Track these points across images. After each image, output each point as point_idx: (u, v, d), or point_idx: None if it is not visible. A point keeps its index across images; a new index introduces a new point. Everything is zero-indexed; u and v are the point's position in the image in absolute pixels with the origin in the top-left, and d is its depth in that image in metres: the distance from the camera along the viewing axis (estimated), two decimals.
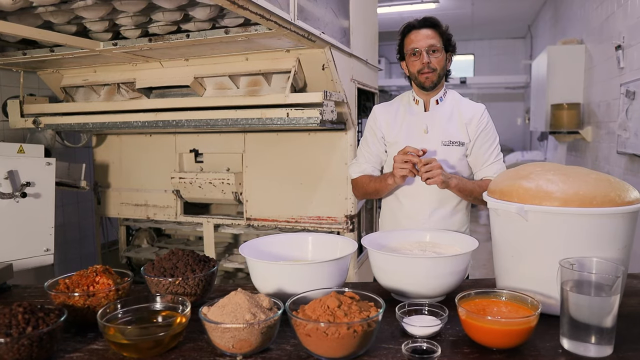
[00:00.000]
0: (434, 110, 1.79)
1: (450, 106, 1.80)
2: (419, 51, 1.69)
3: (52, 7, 1.82)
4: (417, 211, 1.79)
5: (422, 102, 1.80)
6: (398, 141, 1.79)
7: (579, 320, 1.01)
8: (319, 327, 0.94)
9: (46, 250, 2.28)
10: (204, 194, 2.77)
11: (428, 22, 1.71)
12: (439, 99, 1.80)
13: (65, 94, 2.80)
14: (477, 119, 1.77)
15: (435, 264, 1.25)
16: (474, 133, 1.77)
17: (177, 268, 1.29)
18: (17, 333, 0.97)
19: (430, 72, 1.71)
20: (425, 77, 1.72)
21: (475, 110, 1.79)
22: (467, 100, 1.85)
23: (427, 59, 1.69)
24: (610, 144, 3.37)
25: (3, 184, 2.10)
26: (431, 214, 1.78)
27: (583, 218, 1.15)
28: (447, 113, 1.78)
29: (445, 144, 1.76)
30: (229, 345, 0.99)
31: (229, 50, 2.19)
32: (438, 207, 1.79)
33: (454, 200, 1.80)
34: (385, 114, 1.84)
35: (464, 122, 1.77)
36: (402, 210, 1.83)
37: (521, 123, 9.08)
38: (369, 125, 1.88)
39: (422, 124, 1.78)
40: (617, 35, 3.18)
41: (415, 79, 1.75)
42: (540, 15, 6.99)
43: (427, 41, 1.69)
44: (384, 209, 1.93)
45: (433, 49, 1.69)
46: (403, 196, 1.82)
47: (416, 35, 1.70)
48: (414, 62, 1.72)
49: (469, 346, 1.06)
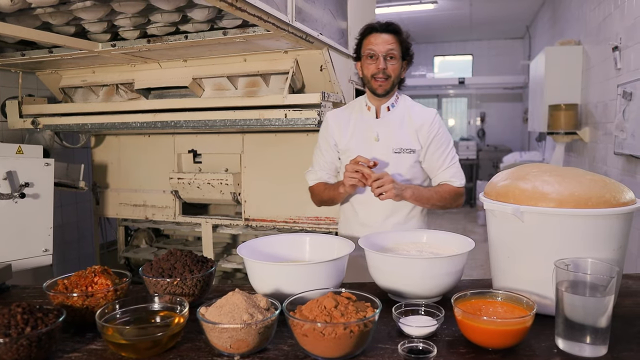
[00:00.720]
0: (385, 118, 1.77)
1: (401, 113, 1.78)
2: (376, 55, 1.67)
3: (50, 8, 1.83)
4: (371, 219, 1.79)
5: (374, 109, 1.78)
6: (350, 148, 1.78)
7: (574, 320, 1.02)
8: (315, 327, 0.95)
9: (45, 251, 2.29)
10: (202, 194, 2.77)
11: (390, 28, 1.69)
12: (390, 105, 1.77)
13: (64, 95, 2.81)
14: (428, 125, 1.76)
15: (432, 265, 1.26)
16: (425, 139, 1.76)
17: (175, 269, 1.29)
18: (16, 333, 0.97)
19: (384, 79, 1.69)
20: (378, 83, 1.70)
21: (425, 117, 1.77)
22: (418, 106, 1.83)
23: (384, 65, 1.67)
24: (608, 144, 3.38)
25: (2, 184, 2.11)
26: (384, 221, 1.78)
27: (578, 219, 1.16)
28: (398, 120, 1.77)
29: (396, 151, 1.74)
30: (227, 345, 0.99)
31: (227, 51, 2.20)
32: (391, 214, 1.78)
33: (407, 207, 1.79)
34: (337, 120, 1.82)
35: (415, 128, 1.76)
36: (356, 218, 1.82)
37: (519, 123, 9.10)
38: (322, 132, 1.86)
39: (373, 132, 1.76)
40: (614, 37, 3.20)
41: (368, 83, 1.73)
42: (539, 16, 7.00)
43: (386, 46, 1.66)
44: (341, 217, 1.92)
45: (390, 55, 1.67)
46: (357, 204, 1.81)
47: (376, 38, 1.67)
48: (369, 65, 1.69)
49: (465, 346, 1.07)
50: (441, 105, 9.91)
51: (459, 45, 9.51)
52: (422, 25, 7.97)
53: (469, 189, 9.04)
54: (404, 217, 1.80)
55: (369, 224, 1.79)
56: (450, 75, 9.42)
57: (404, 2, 6.21)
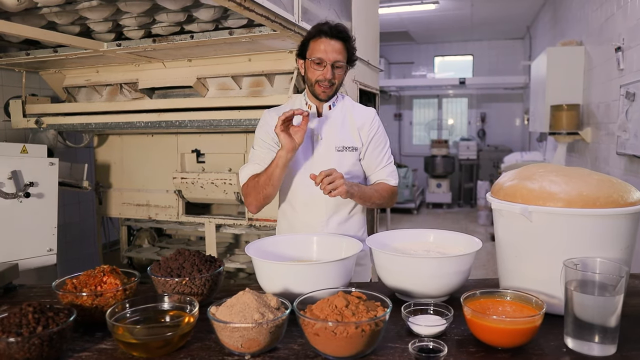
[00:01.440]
0: (327, 116, 1.75)
1: (342, 111, 1.77)
2: (324, 63, 1.63)
3: (56, 7, 1.83)
4: (314, 218, 1.76)
5: (315, 107, 1.75)
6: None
7: (584, 319, 1.03)
8: (327, 326, 0.95)
9: (49, 250, 2.29)
10: (205, 194, 2.78)
11: (340, 35, 1.64)
12: (331, 104, 1.76)
13: (68, 94, 2.81)
14: (369, 124, 1.76)
15: (440, 264, 1.26)
16: (366, 138, 1.76)
17: (184, 268, 1.29)
18: (27, 332, 0.97)
19: (329, 86, 1.66)
20: (322, 89, 1.67)
21: (366, 116, 1.77)
22: (358, 105, 1.83)
23: (331, 75, 1.64)
24: (610, 145, 3.39)
25: (6, 184, 2.11)
26: (328, 220, 1.75)
27: (587, 219, 1.16)
28: (340, 118, 1.75)
29: (339, 149, 1.73)
30: (238, 344, 1.00)
31: (232, 51, 2.20)
32: (334, 213, 1.76)
33: (349, 205, 1.78)
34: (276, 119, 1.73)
35: (357, 127, 1.75)
36: (297, 219, 1.78)
37: (520, 124, 9.12)
38: (261, 130, 1.79)
39: (315, 130, 1.74)
40: (617, 37, 3.20)
41: (311, 86, 1.69)
42: (540, 17, 7.01)
43: (335, 55, 1.62)
44: (280, 218, 1.87)
45: (338, 65, 1.64)
46: (299, 204, 1.77)
47: (326, 45, 1.62)
48: (315, 70, 1.65)
49: (474, 345, 1.07)
50: (441, 105, 9.92)
51: (459, 46, 9.52)
52: (423, 26, 7.98)
53: (469, 189, 9.06)
54: (345, 215, 1.78)
55: (312, 224, 1.75)
56: (451, 75, 9.43)
57: (405, 2, 6.22)
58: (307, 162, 1.74)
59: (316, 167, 1.70)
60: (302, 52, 1.68)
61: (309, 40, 1.65)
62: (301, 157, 1.74)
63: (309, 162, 1.74)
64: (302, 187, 1.74)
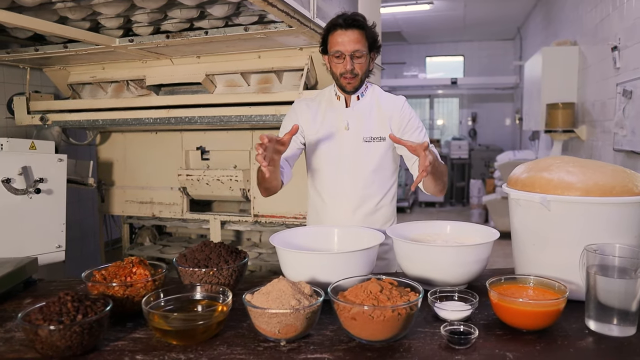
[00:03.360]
0: (355, 106, 1.74)
1: (371, 101, 1.76)
2: (343, 55, 1.63)
3: (71, 2, 1.83)
4: (340, 210, 1.76)
5: (344, 98, 1.75)
6: (318, 138, 1.75)
7: (605, 302, 1.07)
8: (364, 310, 0.98)
9: (58, 247, 2.29)
10: (211, 191, 2.79)
11: (355, 23, 1.63)
12: (360, 95, 1.75)
13: (72, 91, 2.80)
14: (398, 112, 1.74)
15: (460, 252, 1.30)
16: (397, 126, 1.74)
17: (211, 259, 1.31)
18: (68, 320, 0.99)
19: (352, 77, 1.65)
20: (347, 82, 1.67)
21: (395, 104, 1.75)
22: (387, 94, 1.81)
23: (351, 66, 1.63)
24: (605, 142, 3.47)
25: (17, 179, 2.10)
26: (354, 211, 1.75)
27: (603, 207, 1.21)
28: (367, 108, 1.74)
29: (367, 140, 1.72)
30: (275, 330, 1.02)
31: (243, 47, 2.22)
32: (361, 204, 1.76)
33: (376, 197, 1.77)
34: (306, 109, 1.79)
35: (385, 116, 1.74)
36: (325, 210, 1.79)
37: (510, 123, 9.24)
38: (289, 118, 1.80)
39: (342, 121, 1.74)
40: (613, 37, 3.28)
41: (337, 80, 1.70)
42: (531, 18, 7.12)
43: (352, 46, 1.61)
44: (310, 209, 1.89)
45: (357, 55, 1.63)
46: (326, 196, 1.78)
47: (342, 37, 1.62)
48: (336, 64, 1.66)
49: (500, 328, 1.11)
50: (433, 105, 10.02)
51: (450, 46, 9.62)
52: (416, 26, 8.05)
53: (461, 188, 9.15)
54: (373, 207, 1.77)
55: (339, 216, 1.76)
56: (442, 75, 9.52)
57: (401, 3, 6.28)
58: (335, 154, 1.73)
59: (344, 159, 1.72)
60: (325, 48, 1.69)
61: (327, 35, 1.66)
62: (329, 149, 1.74)
63: (336, 154, 1.73)
64: (329, 180, 1.75)
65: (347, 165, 1.73)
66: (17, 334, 1.14)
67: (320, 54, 1.73)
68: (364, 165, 1.73)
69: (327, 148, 1.74)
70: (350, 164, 1.73)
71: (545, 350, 1.02)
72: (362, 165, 1.73)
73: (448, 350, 1.01)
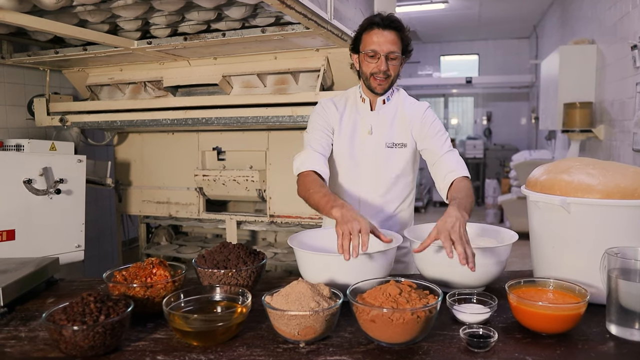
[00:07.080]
0: (380, 110, 1.71)
1: (395, 106, 1.73)
2: (378, 55, 1.58)
3: (91, 6, 1.86)
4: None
5: (369, 101, 1.71)
6: (341, 140, 1.72)
7: (627, 307, 1.06)
8: (383, 313, 0.98)
9: (77, 247, 2.33)
10: (227, 191, 2.81)
11: (393, 24, 1.59)
12: (386, 98, 1.71)
13: (91, 92, 2.84)
14: (420, 117, 1.70)
15: (479, 255, 1.29)
16: (418, 132, 1.70)
17: (229, 260, 1.32)
18: (91, 321, 1.01)
19: (384, 79, 1.62)
20: (377, 82, 1.62)
21: (417, 110, 1.71)
22: (411, 99, 1.78)
23: (385, 67, 1.59)
24: (624, 142, 3.42)
25: (38, 180, 2.14)
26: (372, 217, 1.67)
27: (625, 210, 1.20)
28: (392, 113, 1.71)
29: (389, 145, 1.69)
30: (295, 332, 1.03)
31: (259, 49, 2.23)
32: (380, 210, 1.73)
33: (396, 202, 1.75)
34: (334, 109, 1.74)
35: (407, 122, 1.71)
36: None
37: (526, 122, 9.13)
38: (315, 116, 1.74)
39: (367, 125, 1.70)
40: (633, 35, 3.23)
41: (366, 80, 1.65)
42: (547, 16, 7.03)
43: (389, 46, 1.57)
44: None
45: (392, 56, 1.59)
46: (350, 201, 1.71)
47: (379, 36, 1.58)
48: (369, 63, 1.61)
49: (519, 332, 1.11)
50: (447, 104, 9.95)
51: (465, 45, 9.54)
52: (430, 25, 8.00)
53: (476, 188, 9.08)
54: (390, 213, 1.75)
55: None
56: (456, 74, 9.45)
57: (416, 2, 6.24)
58: (356, 159, 1.71)
59: (365, 164, 1.70)
60: (356, 46, 1.65)
61: (362, 34, 1.62)
62: (351, 154, 1.71)
63: (357, 159, 1.71)
64: (348, 185, 1.73)
65: (368, 171, 1.71)
66: (41, 333, 1.16)
67: (350, 52, 1.69)
68: (385, 171, 1.70)
69: (349, 152, 1.71)
70: (371, 169, 1.71)
71: (566, 355, 1.01)
72: (383, 171, 1.71)
73: (467, 354, 1.01)
